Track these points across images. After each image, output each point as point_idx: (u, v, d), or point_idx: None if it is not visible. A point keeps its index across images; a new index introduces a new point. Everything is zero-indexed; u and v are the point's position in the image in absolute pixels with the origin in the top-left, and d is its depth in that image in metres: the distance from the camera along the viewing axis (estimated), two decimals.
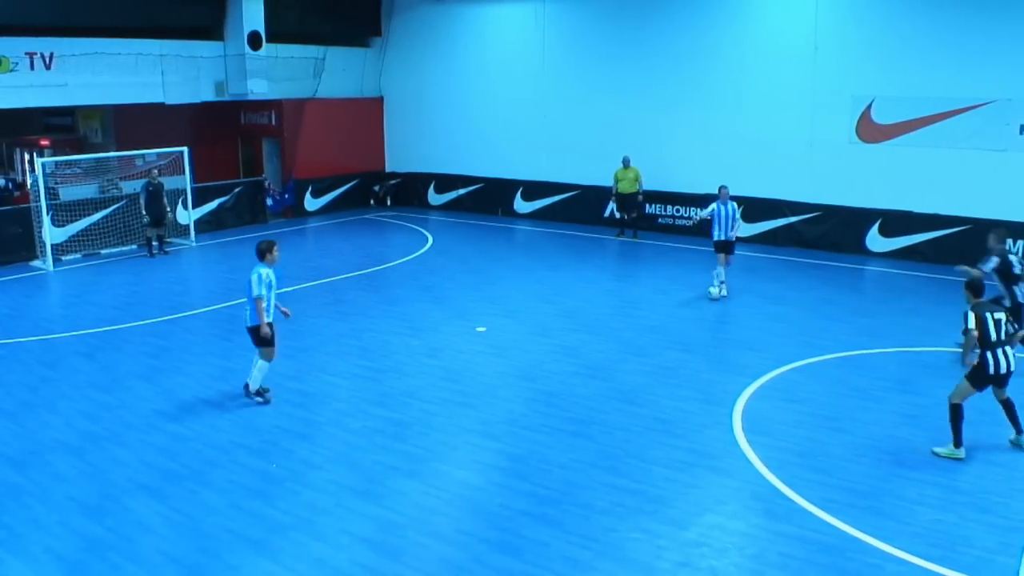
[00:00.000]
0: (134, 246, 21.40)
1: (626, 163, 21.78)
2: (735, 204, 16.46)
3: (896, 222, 19.57)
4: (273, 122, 26.19)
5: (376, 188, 28.15)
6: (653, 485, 8.69)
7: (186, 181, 22.46)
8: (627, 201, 22.08)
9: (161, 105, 23.24)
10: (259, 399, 11.01)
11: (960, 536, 7.67)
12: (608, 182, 22.33)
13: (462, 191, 26.90)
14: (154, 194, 20.40)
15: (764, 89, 20.83)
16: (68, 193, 20.94)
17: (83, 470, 9.29)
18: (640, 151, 22.01)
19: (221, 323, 14.92)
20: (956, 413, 9.26)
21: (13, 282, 18.34)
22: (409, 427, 10.24)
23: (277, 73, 25.07)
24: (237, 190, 24.68)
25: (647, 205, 22.71)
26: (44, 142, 26.65)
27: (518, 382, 11.75)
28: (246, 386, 11.12)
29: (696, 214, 15.56)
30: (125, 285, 18.04)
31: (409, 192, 28.09)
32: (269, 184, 25.86)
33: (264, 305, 10.66)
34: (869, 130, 19.76)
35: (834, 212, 20.31)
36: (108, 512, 8.35)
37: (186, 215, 22.76)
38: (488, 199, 26.13)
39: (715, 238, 16.08)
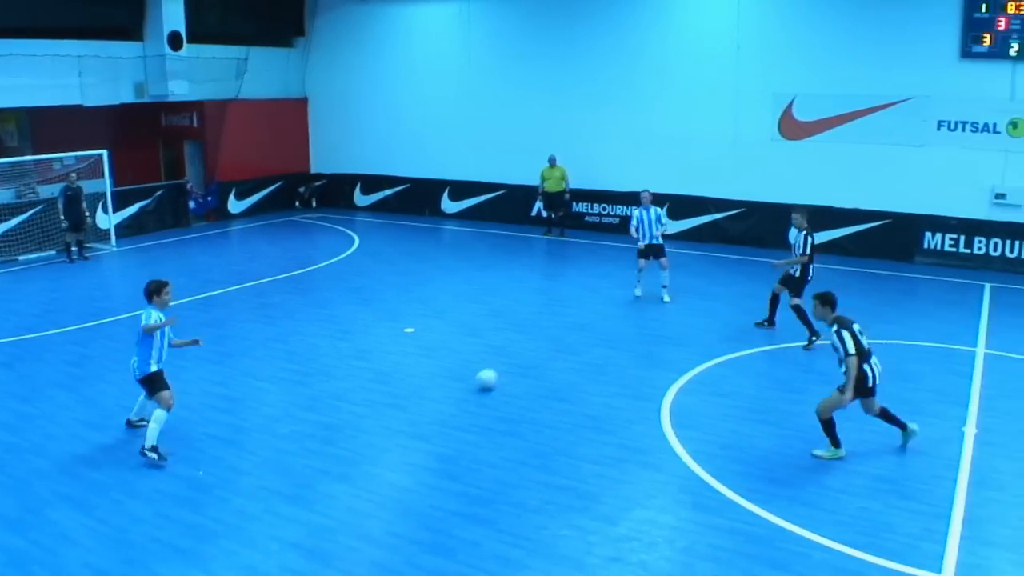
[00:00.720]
0: (53, 252, 20.86)
1: (552, 162, 21.94)
2: (658, 208, 16.61)
3: (818, 217, 19.94)
4: (195, 123, 25.70)
5: (301, 190, 27.88)
6: (583, 482, 8.79)
7: (106, 184, 21.95)
8: (554, 200, 22.24)
9: (79, 107, 22.66)
10: (154, 456, 9.26)
11: (885, 523, 7.90)
12: (535, 181, 22.48)
13: (388, 192, 26.78)
14: (72, 199, 19.85)
15: (688, 87, 21.17)
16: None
17: (3, 482, 9.05)
18: (566, 150, 22.21)
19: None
20: (828, 424, 9.25)
21: None
22: (338, 430, 10.19)
23: (199, 74, 24.63)
24: (158, 193, 24.20)
25: (574, 204, 22.91)
26: None
27: (448, 382, 11.77)
28: (142, 447, 9.37)
29: (630, 226, 15.85)
30: (44, 292, 17.57)
31: (335, 193, 27.86)
32: (191, 187, 25.38)
33: (156, 325, 9.57)
34: (791, 127, 20.23)
35: (757, 208, 20.72)
36: (30, 525, 8.16)
37: (106, 219, 22.24)
38: (415, 199, 26.06)
39: (638, 245, 16.18)
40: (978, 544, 7.52)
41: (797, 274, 13.48)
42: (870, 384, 9.09)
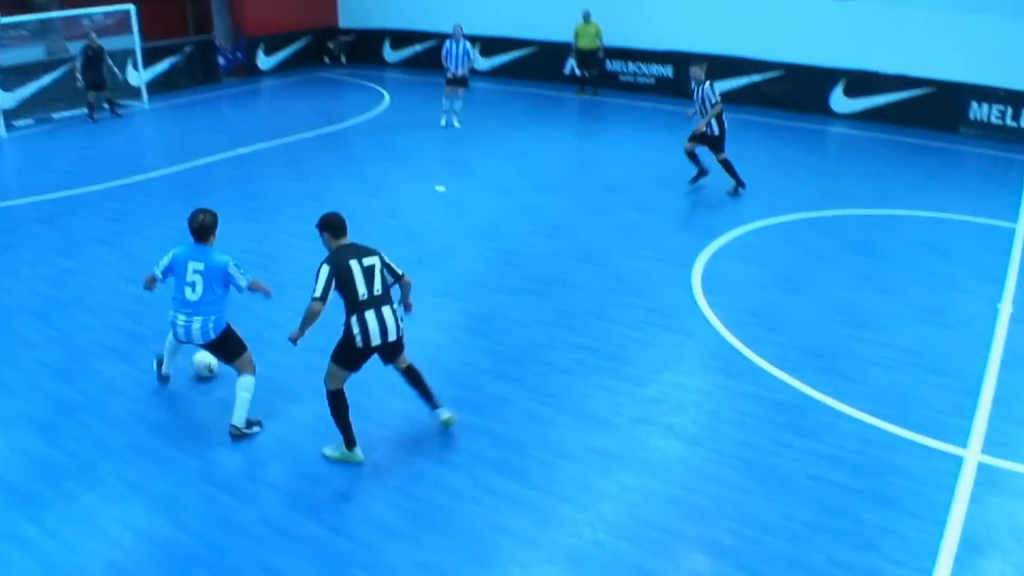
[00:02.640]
0: (86, 109, 20.83)
1: (586, 18, 21.34)
2: (468, 43, 18.41)
3: (861, 82, 19.47)
4: None
5: (330, 45, 27.41)
6: (612, 343, 8.93)
7: (135, 41, 21.68)
8: (587, 58, 21.74)
9: None
10: (256, 430, 7.61)
11: (913, 397, 7.96)
12: (568, 38, 21.93)
13: (419, 48, 26.26)
14: (93, 58, 19.58)
15: None
16: (15, 56, 20.15)
17: (49, 335, 9.35)
18: (601, 5, 21.51)
19: (179, 185, 14.78)
20: (337, 404, 7.09)
21: None
22: None
23: None
24: (188, 49, 23.90)
25: (608, 62, 22.39)
26: None
27: (478, 242, 11.85)
28: (233, 427, 7.51)
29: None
30: (80, 149, 17.66)
31: (364, 49, 27.36)
32: (220, 42, 25.06)
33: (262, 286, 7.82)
34: None
35: (798, 71, 20.13)
36: (77, 375, 8.48)
37: (137, 76, 22.08)
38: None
39: (446, 75, 18.28)
40: (1005, 422, 7.57)
41: (716, 131, 13.66)
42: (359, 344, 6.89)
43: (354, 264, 6.87)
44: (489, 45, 24.73)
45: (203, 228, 7.40)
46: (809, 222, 12.81)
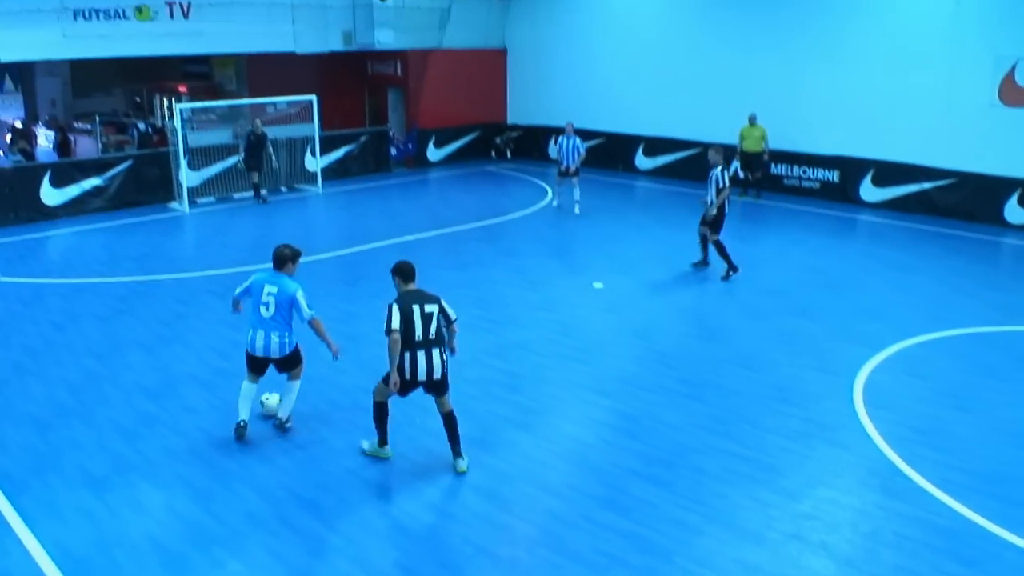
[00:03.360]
0: (265, 191, 22.10)
1: (752, 120, 21.29)
2: (578, 138, 19.91)
3: None
4: (398, 72, 26.53)
5: (497, 140, 28.26)
6: (767, 453, 8.61)
7: (314, 129, 22.98)
8: (752, 160, 21.59)
9: (292, 54, 23.79)
10: (289, 425, 9.13)
11: None
12: (733, 140, 21.88)
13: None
14: (255, 144, 20.80)
15: (900, 46, 19.86)
16: (203, 138, 21.68)
17: (213, 404, 9.79)
18: (767, 108, 21.41)
19: (344, 268, 15.38)
20: (381, 412, 8.34)
21: (151, 222, 19.24)
22: (523, 379, 10.39)
23: (404, 23, 25.30)
24: (363, 139, 25.15)
25: (772, 165, 22.18)
26: (182, 88, 27.76)
27: (633, 340, 11.75)
28: (278, 420, 9.14)
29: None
30: (255, 228, 18.72)
31: (530, 145, 28.08)
32: (393, 134, 26.27)
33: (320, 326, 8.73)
34: (1013, 92, 18.69)
35: (971, 179, 19.35)
36: (235, 445, 8.81)
37: (313, 162, 23.33)
38: (609, 153, 25.86)
39: (559, 168, 19.86)
40: None
41: (713, 212, 14.33)
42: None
43: (416, 308, 7.91)
44: (652, 145, 24.95)
45: (280, 258, 8.78)
46: (980, 337, 12.12)
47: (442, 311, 8.05)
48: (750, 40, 22.35)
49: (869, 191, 20.79)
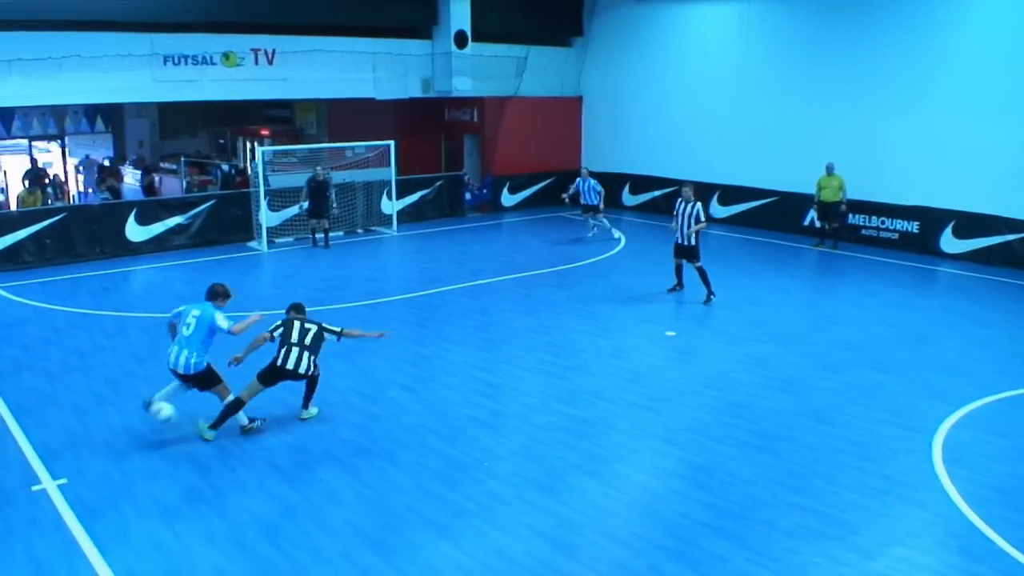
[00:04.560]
0: (340, 232, 22.46)
1: (830, 170, 21.01)
2: (593, 180, 21.95)
3: None
4: (475, 119, 26.88)
5: (571, 187, 28.29)
6: (841, 509, 8.37)
7: (391, 173, 23.36)
8: (829, 210, 21.27)
9: (371, 100, 24.31)
10: (258, 424, 10.19)
11: None
12: (809, 189, 21.62)
13: (657, 193, 26.67)
14: (316, 189, 21.02)
15: (981, 97, 19.46)
16: (283, 180, 22.19)
17: (284, 439, 9.93)
18: (845, 158, 21.12)
19: (416, 310, 15.49)
20: (237, 407, 9.91)
21: (231, 260, 19.71)
22: (592, 426, 10.30)
23: (481, 71, 25.70)
24: (438, 184, 25.48)
25: (850, 215, 21.84)
26: (264, 132, 28.53)
27: (705, 390, 11.59)
28: (242, 427, 10.14)
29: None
30: (330, 269, 19.03)
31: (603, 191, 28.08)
32: (468, 179, 26.57)
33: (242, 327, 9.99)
34: None
35: None
36: (303, 481, 8.90)
37: (389, 205, 23.69)
38: None
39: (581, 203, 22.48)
40: None
41: (693, 242, 15.82)
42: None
43: (296, 323, 10.17)
44: (727, 193, 24.79)
45: (211, 292, 10.07)
46: None
47: (322, 329, 10.25)
48: (827, 89, 22.17)
49: (950, 242, 20.31)
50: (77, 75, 19.70)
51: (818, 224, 21.80)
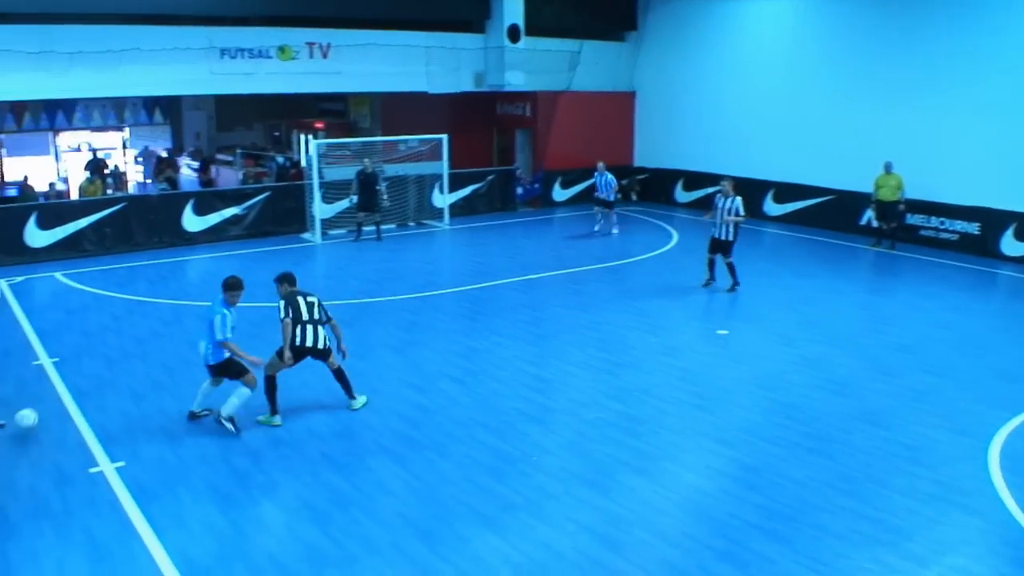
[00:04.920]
0: (393, 225, 22.60)
1: (888, 169, 20.67)
2: (609, 174, 22.37)
3: None
4: (527, 113, 26.87)
5: (623, 182, 28.21)
6: (893, 515, 8.24)
7: (443, 167, 23.45)
8: (886, 209, 20.93)
9: (423, 94, 24.41)
10: (230, 426, 9.88)
11: None
12: (867, 188, 21.30)
13: (710, 189, 26.32)
14: (365, 183, 21.19)
15: None
16: (337, 173, 22.38)
17: (335, 428, 10.06)
18: (904, 157, 20.75)
19: (467, 303, 15.55)
20: (271, 385, 10.08)
21: (285, 251, 19.96)
22: (642, 423, 10.26)
23: (533, 66, 25.67)
24: (490, 178, 25.54)
25: (908, 214, 21.47)
26: (318, 125, 28.85)
27: (756, 390, 11.48)
28: (218, 413, 10.04)
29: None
30: (382, 261, 19.18)
31: (656, 188, 27.99)
32: (520, 173, 26.59)
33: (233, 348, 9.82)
34: None
35: None
36: (354, 470, 9.00)
37: (441, 199, 23.80)
38: None
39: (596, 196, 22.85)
40: None
41: (731, 237, 16.21)
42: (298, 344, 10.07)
43: (300, 299, 10.07)
44: (782, 191, 24.51)
45: (222, 284, 9.91)
46: None
47: (320, 303, 10.25)
48: (885, 85, 21.79)
49: (1011, 245, 19.87)
50: (137, 68, 20.09)
51: (875, 224, 21.47)
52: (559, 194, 27.25)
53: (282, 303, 10.04)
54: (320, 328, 10.07)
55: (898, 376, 12.10)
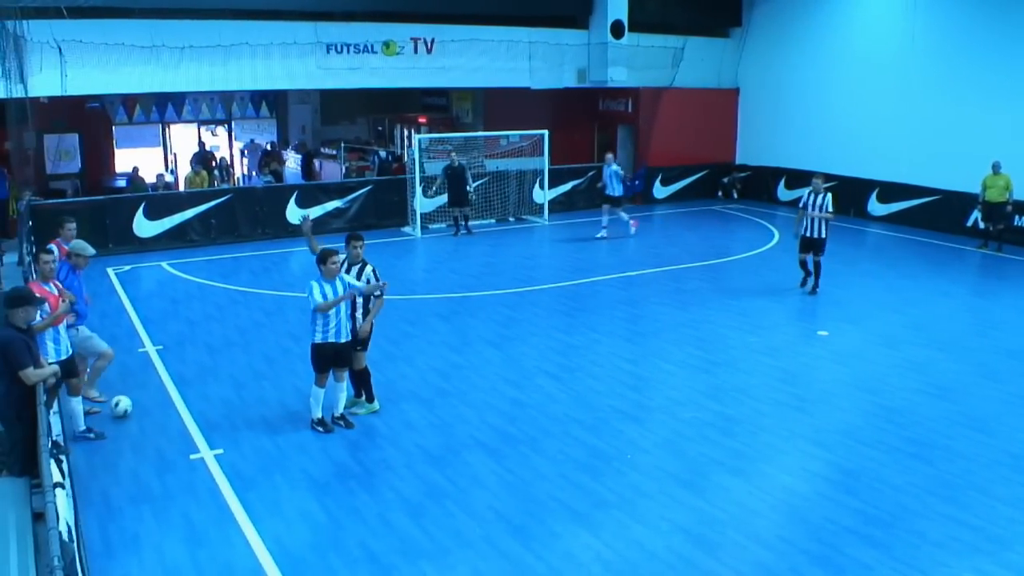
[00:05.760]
0: (493, 220, 22.85)
1: (996, 169, 19.97)
2: (618, 167, 21.29)
3: None
4: (629, 109, 26.81)
5: (725, 180, 27.95)
6: (995, 524, 8.06)
7: (544, 162, 23.59)
8: (994, 210, 20.23)
9: (526, 89, 24.57)
10: (327, 428, 9.99)
11: None
12: (974, 188, 20.64)
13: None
14: (453, 176, 21.43)
15: None
16: (439, 168, 22.72)
17: (432, 421, 10.26)
18: (1013, 156, 20.01)
19: (565, 299, 15.66)
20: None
21: (386, 244, 20.37)
22: (739, 424, 10.22)
23: (637, 62, 25.55)
24: (590, 174, 25.55)
25: (1016, 216, 20.72)
26: (421, 120, 29.27)
27: (857, 393, 11.31)
28: (341, 417, 10.15)
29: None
30: (482, 255, 19.44)
31: (758, 186, 27.58)
32: (621, 170, 26.49)
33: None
34: None
35: None
36: (449, 463, 9.17)
37: (541, 195, 23.95)
38: (840, 198, 24.76)
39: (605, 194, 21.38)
40: None
41: (823, 235, 15.75)
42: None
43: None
44: (887, 190, 23.91)
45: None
46: None
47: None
48: (995, 84, 21.02)
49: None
50: (244, 62, 20.74)
51: (982, 225, 20.77)
52: (660, 191, 27.12)
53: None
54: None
55: (1005, 382, 11.76)
